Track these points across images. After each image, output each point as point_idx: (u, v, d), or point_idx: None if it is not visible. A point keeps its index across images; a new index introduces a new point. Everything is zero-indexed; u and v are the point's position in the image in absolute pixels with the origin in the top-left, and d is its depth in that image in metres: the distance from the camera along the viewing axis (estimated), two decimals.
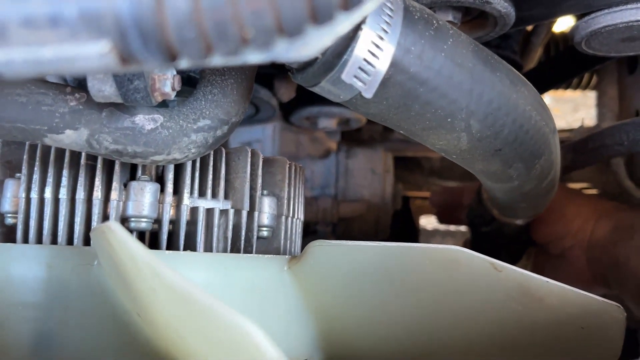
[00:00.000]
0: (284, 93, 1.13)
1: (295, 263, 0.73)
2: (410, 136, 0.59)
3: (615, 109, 1.33)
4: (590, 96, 1.73)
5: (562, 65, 1.14)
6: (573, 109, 2.66)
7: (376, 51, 0.49)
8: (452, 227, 1.99)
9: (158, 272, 0.44)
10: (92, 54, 0.28)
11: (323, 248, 0.71)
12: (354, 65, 0.49)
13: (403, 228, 1.67)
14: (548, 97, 2.54)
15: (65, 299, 0.62)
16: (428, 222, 2.16)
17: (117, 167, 0.66)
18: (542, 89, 1.24)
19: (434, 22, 0.53)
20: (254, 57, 0.29)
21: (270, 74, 1.12)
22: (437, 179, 1.70)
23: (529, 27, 1.20)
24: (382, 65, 0.50)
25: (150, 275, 0.46)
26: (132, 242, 0.48)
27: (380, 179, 1.33)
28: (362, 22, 0.48)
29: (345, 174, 1.32)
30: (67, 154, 0.66)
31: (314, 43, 0.30)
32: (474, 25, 0.80)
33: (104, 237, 0.52)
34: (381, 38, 0.49)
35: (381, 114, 0.55)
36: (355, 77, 0.50)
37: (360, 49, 0.49)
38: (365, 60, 0.49)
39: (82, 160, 0.66)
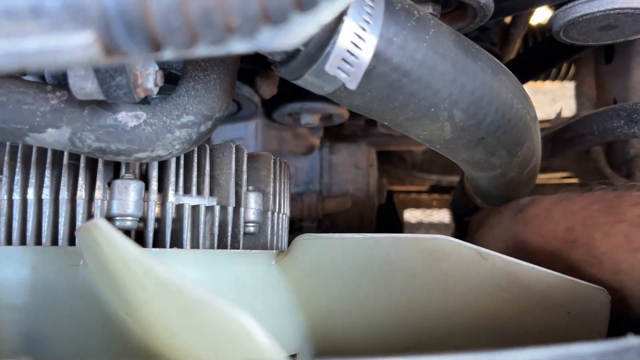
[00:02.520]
0: (266, 90, 1.12)
1: (283, 257, 0.73)
2: (395, 127, 0.60)
3: (593, 98, 1.35)
4: (569, 87, 1.75)
5: (541, 56, 1.15)
6: (551, 100, 2.68)
7: (359, 42, 0.49)
8: (436, 220, 2.00)
9: (148, 267, 0.44)
10: (76, 45, 0.27)
11: (310, 241, 0.71)
12: (337, 56, 0.49)
13: (388, 222, 1.68)
14: (527, 89, 2.56)
15: (52, 300, 0.61)
16: (412, 215, 2.17)
17: (100, 166, 0.66)
18: (522, 79, 1.25)
19: (415, 13, 0.53)
20: (239, 46, 0.29)
21: (251, 71, 1.12)
22: (419, 172, 1.71)
23: (508, 20, 1.21)
24: (365, 56, 0.50)
25: (140, 271, 0.45)
26: (120, 238, 0.47)
27: (364, 174, 1.33)
28: (344, 13, 0.48)
29: (329, 169, 1.32)
30: (50, 154, 0.65)
31: (298, 31, 0.30)
32: (453, 16, 0.80)
33: (91, 235, 0.51)
34: (363, 29, 0.49)
35: (365, 106, 0.55)
36: (339, 68, 0.50)
37: (343, 40, 0.49)
38: (348, 51, 0.49)
39: (65, 160, 0.65)
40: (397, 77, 0.52)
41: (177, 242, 0.69)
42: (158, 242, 0.68)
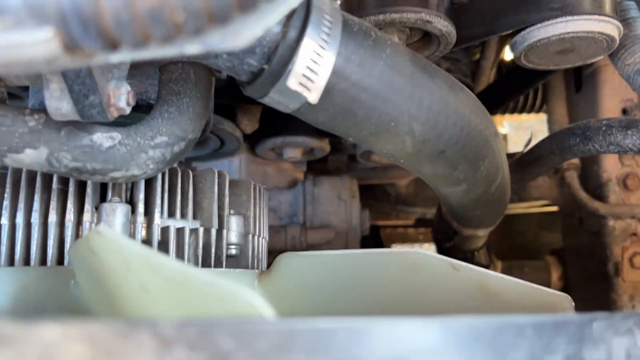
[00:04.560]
0: (247, 124, 1.17)
1: (265, 276, 0.75)
2: (360, 143, 0.63)
3: (565, 127, 1.40)
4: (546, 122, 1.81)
5: (509, 85, 1.20)
6: (533, 135, 2.75)
7: (318, 59, 0.54)
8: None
9: (154, 260, 0.46)
10: (37, 41, 0.31)
11: (291, 259, 0.74)
12: (298, 73, 0.53)
13: None
14: (507, 125, 2.62)
15: (44, 317, 0.63)
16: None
17: (89, 190, 0.69)
18: (493, 108, 1.30)
19: (372, 33, 0.58)
20: (191, 46, 0.33)
21: (232, 106, 1.16)
22: (404, 206, 1.74)
23: (477, 55, 1.27)
24: (324, 72, 0.54)
25: (144, 268, 0.47)
26: (124, 239, 0.50)
27: (346, 205, 1.37)
28: (304, 33, 0.53)
29: (313, 201, 1.36)
30: (39, 178, 0.68)
31: (245, 33, 0.34)
32: (419, 45, 0.85)
33: (87, 247, 0.53)
34: (322, 47, 0.54)
35: (329, 122, 0.59)
36: (300, 84, 0.54)
37: (303, 57, 0.53)
38: (308, 68, 0.53)
39: (54, 185, 0.68)
40: (356, 92, 0.56)
41: None
42: None
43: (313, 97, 0.55)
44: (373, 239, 1.86)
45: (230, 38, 0.35)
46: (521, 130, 2.84)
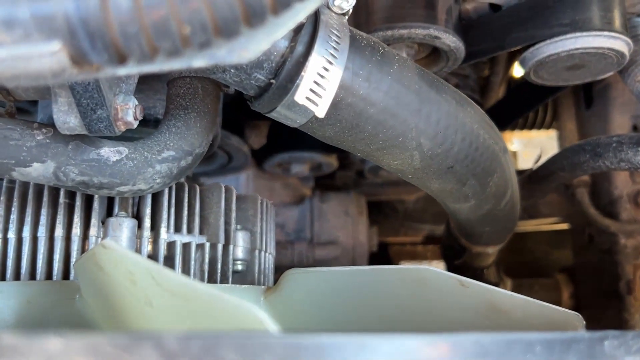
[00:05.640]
0: (255, 140, 1.17)
1: (271, 293, 0.75)
2: (367, 157, 0.63)
3: (575, 143, 1.39)
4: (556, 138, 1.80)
5: (518, 101, 1.19)
6: (543, 152, 2.73)
7: (325, 74, 0.54)
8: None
9: (159, 273, 0.46)
10: (45, 53, 0.31)
11: (298, 275, 0.73)
12: (306, 87, 0.53)
13: None
14: (517, 141, 2.61)
15: (46, 331, 0.63)
16: None
17: (95, 204, 0.69)
18: (503, 124, 1.30)
19: (380, 48, 0.58)
20: (198, 60, 0.33)
21: (240, 121, 1.17)
22: (412, 222, 1.73)
23: (486, 72, 1.27)
24: (331, 86, 0.54)
25: (148, 281, 0.47)
26: (130, 253, 0.50)
27: (354, 221, 1.36)
28: (311, 48, 0.53)
29: (320, 217, 1.35)
30: (46, 192, 0.68)
31: (252, 47, 0.34)
32: (428, 61, 0.85)
33: (93, 261, 0.53)
34: (330, 62, 0.54)
35: (337, 136, 0.59)
36: (308, 98, 0.54)
37: (310, 72, 0.53)
38: (315, 82, 0.53)
39: (61, 199, 0.68)
40: (364, 106, 0.56)
41: None
42: None
43: (320, 111, 0.55)
44: (381, 255, 1.85)
45: (238, 52, 0.35)
46: (531, 146, 2.83)
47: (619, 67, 0.84)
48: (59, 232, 0.68)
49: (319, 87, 0.54)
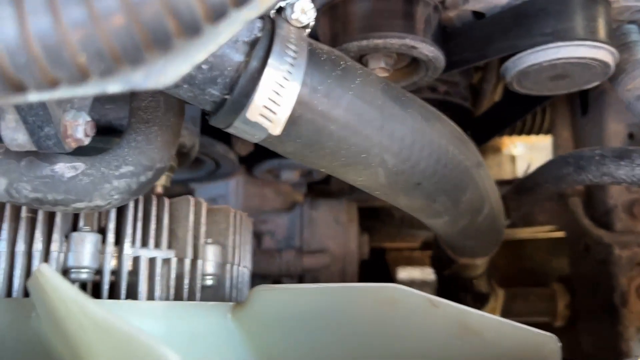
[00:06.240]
0: (242, 147, 1.15)
1: (239, 309, 0.73)
2: (332, 174, 0.61)
3: (569, 151, 1.36)
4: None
5: (513, 105, 1.17)
6: (545, 156, 2.69)
7: (280, 90, 0.51)
8: (429, 278, 1.98)
9: (83, 306, 0.45)
10: None
11: (266, 292, 0.71)
12: (259, 104, 0.51)
13: (377, 279, 1.66)
14: (521, 145, 2.58)
15: (1, 351, 0.62)
16: (407, 273, 2.15)
17: (57, 219, 0.67)
18: (498, 129, 1.27)
19: (342, 62, 0.56)
20: (111, 86, 0.31)
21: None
22: (408, 228, 1.71)
23: (476, 78, 1.24)
24: (287, 103, 0.52)
25: (76, 311, 0.46)
26: (60, 281, 0.48)
27: (344, 229, 1.34)
28: (265, 63, 0.51)
29: (310, 224, 1.33)
30: (8, 207, 0.67)
31: (170, 72, 0.32)
32: (407, 71, 0.83)
33: (38, 283, 0.52)
34: (285, 78, 0.51)
35: (298, 153, 0.57)
36: (261, 115, 0.52)
37: (264, 88, 0.51)
38: (269, 99, 0.51)
39: (23, 213, 0.67)
40: (324, 123, 0.54)
41: (132, 295, 0.69)
42: (114, 295, 0.69)
43: (275, 128, 0.53)
44: (378, 262, 1.83)
45: (155, 77, 0.33)
46: (536, 150, 2.79)
47: (605, 77, 0.82)
48: (20, 247, 0.66)
49: (273, 104, 0.52)
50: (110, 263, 0.69)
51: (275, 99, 0.51)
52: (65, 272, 0.67)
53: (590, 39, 0.75)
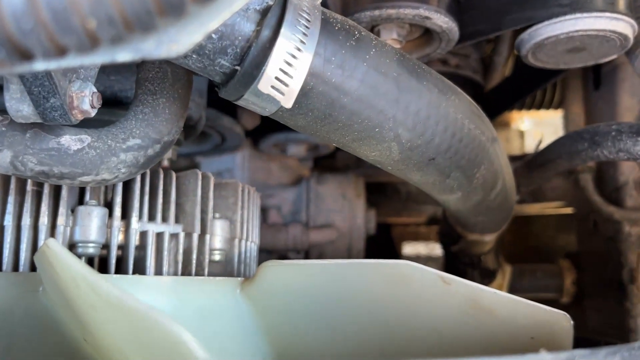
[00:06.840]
0: (248, 120, 1.14)
1: (248, 285, 0.72)
2: (343, 148, 0.60)
3: (581, 126, 1.34)
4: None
5: (525, 79, 1.14)
6: (554, 132, 2.67)
7: (292, 61, 0.50)
8: (434, 253, 1.98)
9: (94, 284, 0.44)
10: None
11: (275, 268, 0.70)
12: (271, 75, 0.50)
13: (382, 254, 1.66)
14: (528, 120, 2.55)
15: (10, 325, 0.61)
16: (413, 248, 2.15)
17: (63, 192, 0.66)
18: (505, 105, 1.25)
19: (356, 32, 0.54)
20: (122, 54, 0.29)
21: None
22: (414, 204, 1.70)
23: (488, 49, 1.22)
24: (299, 74, 0.50)
25: (88, 290, 0.45)
26: (69, 257, 0.47)
27: (351, 204, 1.33)
28: (278, 32, 0.49)
29: (316, 199, 1.32)
30: (13, 180, 0.66)
31: (183, 39, 0.30)
32: (420, 42, 0.81)
33: (45, 258, 0.51)
34: (298, 49, 0.50)
35: (309, 126, 0.56)
36: (273, 87, 0.50)
37: (276, 59, 0.49)
38: (281, 70, 0.50)
39: (28, 187, 0.66)
40: (337, 95, 0.52)
41: (140, 270, 0.69)
42: (121, 269, 0.68)
43: (287, 101, 0.52)
44: (384, 237, 1.82)
45: (167, 45, 0.32)
46: (543, 126, 2.77)
47: (623, 50, 0.80)
48: (26, 221, 0.65)
49: (285, 75, 0.50)
50: (117, 237, 0.68)
51: (288, 70, 0.50)
52: (72, 246, 0.66)
53: (609, 10, 0.73)
